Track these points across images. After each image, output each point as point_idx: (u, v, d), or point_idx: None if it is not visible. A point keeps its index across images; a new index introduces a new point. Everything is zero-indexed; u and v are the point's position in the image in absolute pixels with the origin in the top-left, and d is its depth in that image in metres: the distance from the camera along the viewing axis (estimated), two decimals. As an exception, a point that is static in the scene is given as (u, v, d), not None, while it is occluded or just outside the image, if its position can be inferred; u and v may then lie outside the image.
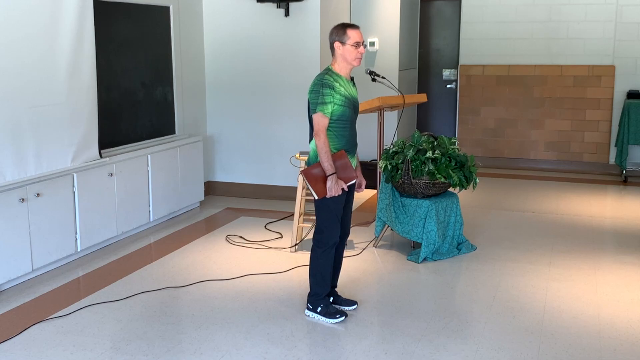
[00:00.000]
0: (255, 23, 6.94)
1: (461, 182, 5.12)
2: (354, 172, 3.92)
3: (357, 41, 3.87)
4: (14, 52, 4.49)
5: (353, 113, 3.98)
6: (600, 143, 8.69)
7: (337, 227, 4.00)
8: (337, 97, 3.84)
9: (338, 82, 3.86)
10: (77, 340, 3.80)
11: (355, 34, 3.88)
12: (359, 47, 3.89)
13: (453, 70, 9.33)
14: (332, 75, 3.89)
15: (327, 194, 3.83)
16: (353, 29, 3.90)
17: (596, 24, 8.49)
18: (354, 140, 4.04)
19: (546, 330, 3.92)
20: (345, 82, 3.92)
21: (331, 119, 3.86)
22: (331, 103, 3.83)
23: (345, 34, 3.86)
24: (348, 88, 3.93)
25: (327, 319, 4.03)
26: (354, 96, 3.99)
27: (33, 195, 4.66)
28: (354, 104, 3.98)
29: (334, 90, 3.83)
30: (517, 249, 5.42)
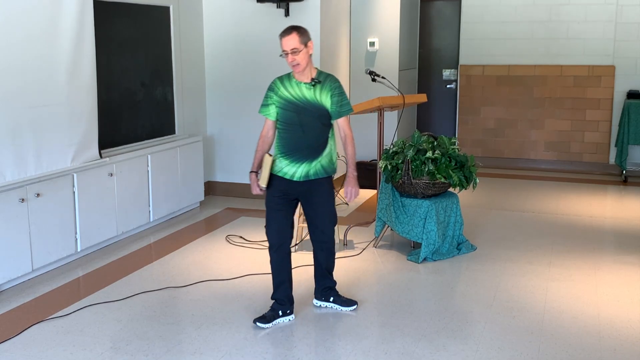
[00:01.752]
0: (255, 23, 6.93)
1: (461, 182, 5.12)
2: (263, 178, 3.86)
3: (283, 49, 3.78)
4: (14, 52, 4.49)
5: (302, 117, 3.83)
6: (600, 143, 8.68)
7: (271, 229, 3.93)
8: (275, 99, 3.84)
9: (284, 85, 3.84)
10: (77, 340, 3.80)
11: (283, 42, 3.77)
12: (287, 57, 3.77)
13: (453, 70, 9.33)
14: (284, 77, 3.88)
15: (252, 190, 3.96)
16: (282, 35, 3.79)
17: (596, 24, 8.49)
18: (303, 146, 3.86)
19: (546, 330, 3.92)
20: (296, 85, 3.84)
21: (277, 120, 3.90)
22: (270, 105, 3.88)
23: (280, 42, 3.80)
24: (297, 91, 3.83)
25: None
26: (307, 99, 3.83)
27: (33, 195, 4.66)
28: (303, 108, 3.83)
29: (273, 92, 3.85)
30: (517, 249, 5.42)
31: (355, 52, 7.94)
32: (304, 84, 3.83)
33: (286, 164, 3.86)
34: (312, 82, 3.83)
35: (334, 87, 3.87)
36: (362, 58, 7.93)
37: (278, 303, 4.00)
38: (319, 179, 3.90)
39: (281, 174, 3.88)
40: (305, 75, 3.83)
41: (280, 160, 3.88)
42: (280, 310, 3.99)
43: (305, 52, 3.78)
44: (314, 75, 3.87)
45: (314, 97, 3.83)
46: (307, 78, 3.84)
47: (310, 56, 3.84)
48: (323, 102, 3.85)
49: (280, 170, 3.88)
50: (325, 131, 3.91)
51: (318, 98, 3.83)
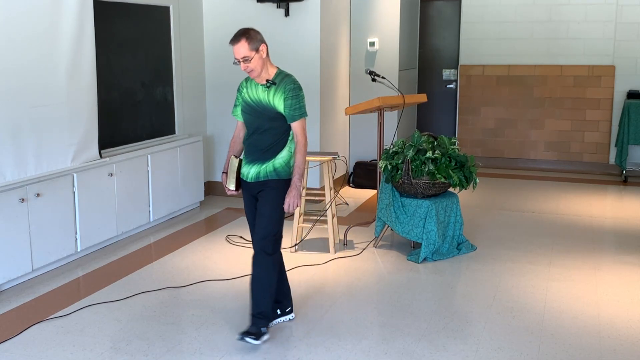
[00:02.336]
0: (255, 23, 6.89)
1: (461, 182, 5.12)
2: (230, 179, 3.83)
3: (235, 57, 3.67)
4: (14, 52, 4.49)
5: (254, 119, 3.75)
6: (600, 143, 8.68)
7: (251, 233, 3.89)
8: (240, 100, 3.83)
9: (247, 87, 3.79)
10: (77, 340, 3.80)
11: (234, 51, 3.67)
12: (240, 65, 3.66)
13: (453, 70, 9.33)
14: (246, 79, 3.83)
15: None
16: (232, 43, 3.68)
17: (596, 24, 8.49)
18: (256, 148, 3.76)
19: (546, 330, 3.92)
20: (254, 86, 3.76)
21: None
22: (238, 106, 3.86)
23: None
24: (255, 92, 3.75)
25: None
26: (260, 101, 3.73)
27: (33, 195, 4.66)
28: (257, 110, 3.74)
29: (239, 93, 3.83)
30: (517, 249, 5.42)
31: (355, 52, 7.94)
32: (260, 85, 3.73)
33: (244, 165, 3.83)
34: (267, 83, 3.71)
35: (288, 90, 3.69)
36: (362, 58, 7.93)
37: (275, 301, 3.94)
38: (268, 181, 3.73)
39: (241, 175, 3.86)
40: (262, 77, 3.72)
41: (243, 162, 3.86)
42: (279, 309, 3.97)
43: (257, 57, 3.64)
44: (272, 76, 3.73)
45: (267, 99, 3.70)
46: (263, 79, 3.73)
47: (265, 58, 3.70)
48: (276, 104, 3.70)
49: (242, 171, 3.85)
50: (280, 134, 3.74)
51: (271, 100, 3.70)
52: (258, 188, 3.78)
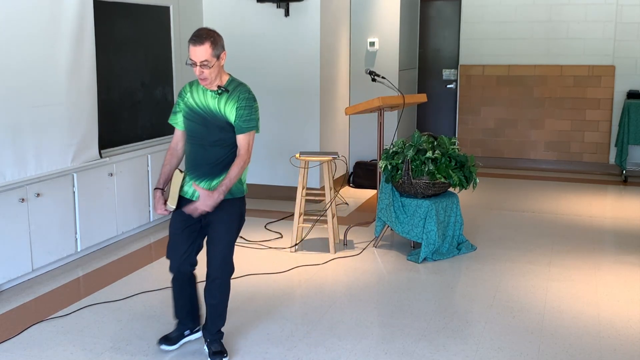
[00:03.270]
0: (255, 23, 6.93)
1: (461, 182, 5.12)
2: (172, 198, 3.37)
3: (191, 59, 3.26)
4: (14, 52, 4.49)
5: (201, 128, 3.36)
6: (600, 143, 8.68)
7: (170, 253, 3.54)
8: (182, 107, 3.41)
9: (192, 91, 3.39)
10: (77, 340, 3.80)
11: (193, 51, 3.24)
12: (195, 68, 3.25)
13: (453, 70, 9.32)
14: (195, 82, 3.42)
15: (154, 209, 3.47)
16: (193, 43, 3.25)
17: (596, 24, 8.49)
18: (203, 162, 3.37)
19: (546, 330, 3.92)
20: (202, 92, 3.37)
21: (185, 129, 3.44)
22: (179, 113, 3.44)
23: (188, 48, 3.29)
24: (203, 99, 3.36)
25: None
26: (210, 108, 3.35)
27: (33, 195, 4.66)
28: (206, 118, 3.35)
29: (181, 99, 3.42)
30: (517, 249, 5.42)
31: (355, 52, 7.94)
32: (210, 91, 3.35)
33: (187, 182, 3.41)
34: (218, 90, 3.34)
35: (242, 99, 3.37)
36: (362, 58, 7.93)
37: (181, 323, 3.70)
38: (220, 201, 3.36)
39: (182, 193, 3.43)
40: (214, 83, 3.37)
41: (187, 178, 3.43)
42: (187, 330, 3.73)
43: (216, 65, 3.29)
44: (224, 83, 3.39)
45: (217, 107, 3.34)
46: (214, 85, 3.37)
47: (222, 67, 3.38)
48: (227, 114, 3.34)
49: (183, 189, 3.43)
50: (231, 146, 3.39)
51: (222, 109, 3.34)
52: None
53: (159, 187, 3.43)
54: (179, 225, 3.47)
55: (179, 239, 3.49)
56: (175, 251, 3.52)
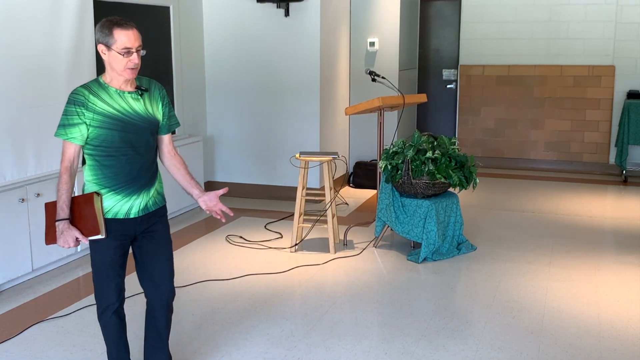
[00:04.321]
0: (255, 23, 6.93)
1: (461, 182, 5.12)
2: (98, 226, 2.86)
3: (126, 47, 2.84)
4: (15, 52, 4.49)
5: (133, 136, 2.90)
6: (600, 143, 8.68)
7: (108, 288, 3.03)
8: (88, 117, 2.81)
9: (99, 96, 2.84)
10: (77, 340, 3.80)
11: (127, 36, 2.84)
12: (131, 56, 2.84)
13: (453, 70, 9.32)
14: (92, 86, 2.87)
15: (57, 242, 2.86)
16: (123, 28, 2.87)
17: (596, 24, 8.49)
18: (139, 173, 2.96)
19: (546, 330, 3.92)
20: (118, 95, 2.89)
21: (89, 144, 2.87)
22: (79, 125, 2.82)
23: (110, 35, 2.85)
24: (122, 103, 2.89)
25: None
26: (138, 113, 2.92)
27: (33, 195, 4.66)
28: (136, 124, 2.90)
29: (84, 107, 2.81)
30: (517, 249, 5.42)
31: (355, 52, 7.94)
32: (128, 93, 2.92)
33: (117, 201, 2.93)
34: (137, 90, 2.96)
35: (163, 96, 3.07)
36: (362, 58, 7.93)
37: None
38: (158, 210, 3.10)
39: (111, 215, 2.93)
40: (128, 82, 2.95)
41: (107, 197, 2.93)
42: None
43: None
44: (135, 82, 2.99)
45: (144, 109, 2.95)
46: (130, 85, 2.95)
47: None
48: (155, 114, 3.00)
49: (110, 210, 2.93)
50: (155, 150, 3.08)
51: (150, 110, 2.97)
52: (144, 224, 3.03)
53: (67, 218, 2.84)
54: (115, 251, 2.98)
55: (116, 268, 3.01)
56: (116, 285, 3.04)
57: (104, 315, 3.08)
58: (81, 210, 2.88)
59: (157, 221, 3.10)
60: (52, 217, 2.89)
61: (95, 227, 2.86)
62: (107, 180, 2.92)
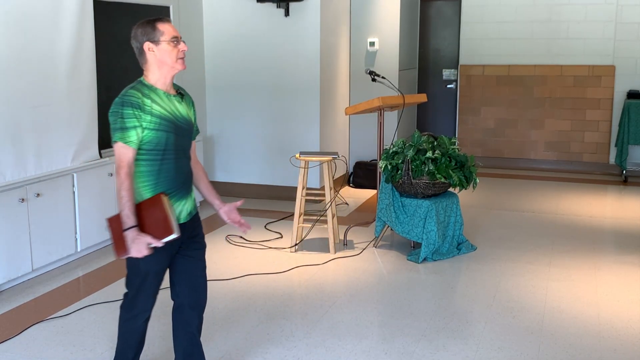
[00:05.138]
0: (255, 23, 6.93)
1: (461, 182, 5.12)
2: (171, 225, 2.76)
3: (174, 35, 2.83)
4: (15, 52, 4.49)
5: (181, 140, 2.89)
6: (600, 143, 8.68)
7: (147, 297, 2.99)
8: (146, 119, 2.77)
9: (151, 98, 2.81)
10: (77, 340, 3.80)
11: (169, 27, 2.84)
12: (179, 44, 2.85)
13: (453, 70, 9.33)
14: (141, 88, 2.84)
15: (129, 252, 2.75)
16: (163, 21, 2.85)
17: (596, 24, 8.49)
18: (186, 178, 2.95)
19: (546, 330, 3.92)
20: (166, 97, 2.86)
21: (142, 149, 2.80)
22: (137, 128, 2.76)
23: (155, 30, 2.82)
24: (171, 105, 2.87)
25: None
26: (183, 116, 2.91)
27: (33, 195, 4.66)
28: (183, 128, 2.90)
29: (141, 110, 2.77)
30: (517, 249, 5.42)
31: (355, 52, 7.94)
32: (173, 96, 2.90)
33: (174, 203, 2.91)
34: (178, 93, 2.96)
35: (193, 102, 3.09)
36: (362, 58, 7.93)
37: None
38: (197, 213, 3.09)
39: None
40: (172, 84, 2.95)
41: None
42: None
43: None
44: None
45: (186, 112, 2.94)
46: (172, 89, 2.95)
47: None
48: (192, 118, 3.01)
49: None
50: None
51: (189, 114, 2.98)
52: (191, 229, 3.01)
53: (135, 225, 2.73)
54: (166, 259, 2.93)
55: (161, 277, 2.98)
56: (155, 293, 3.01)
57: (134, 321, 3.03)
58: (149, 214, 2.78)
59: (198, 225, 3.09)
60: (117, 230, 2.79)
61: (168, 228, 2.77)
62: (161, 186, 2.84)
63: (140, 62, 2.90)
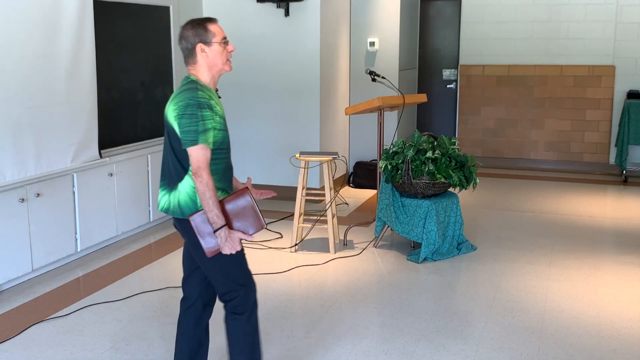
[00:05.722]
0: (255, 23, 6.93)
1: (461, 182, 5.12)
2: (261, 218, 2.85)
3: (224, 36, 2.88)
4: (14, 52, 4.49)
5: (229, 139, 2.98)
6: (600, 143, 8.68)
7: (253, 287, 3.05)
8: (216, 120, 2.81)
9: (213, 98, 2.85)
10: (77, 340, 3.80)
11: (218, 28, 2.89)
12: (228, 45, 2.90)
13: (453, 70, 9.33)
14: (204, 89, 2.84)
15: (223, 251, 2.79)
16: (212, 22, 2.89)
17: (596, 24, 8.49)
18: (232, 173, 3.01)
19: (546, 330, 3.92)
20: (216, 96, 2.92)
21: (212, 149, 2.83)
22: (213, 129, 2.80)
23: (207, 31, 2.85)
24: (221, 105, 2.93)
25: None
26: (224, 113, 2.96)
27: (33, 195, 4.66)
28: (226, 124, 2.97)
29: (212, 112, 2.79)
30: (517, 249, 5.42)
31: (355, 52, 7.94)
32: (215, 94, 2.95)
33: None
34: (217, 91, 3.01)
35: None
36: (362, 58, 7.93)
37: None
38: None
39: None
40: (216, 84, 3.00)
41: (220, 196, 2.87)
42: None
43: None
44: None
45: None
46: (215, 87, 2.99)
47: None
48: None
49: None
50: None
51: None
52: None
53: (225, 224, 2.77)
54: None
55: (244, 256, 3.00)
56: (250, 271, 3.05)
57: (253, 316, 3.03)
58: (236, 209, 2.82)
59: None
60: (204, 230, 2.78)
61: (258, 220, 2.85)
62: (222, 183, 2.89)
63: (187, 62, 2.90)
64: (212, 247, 2.79)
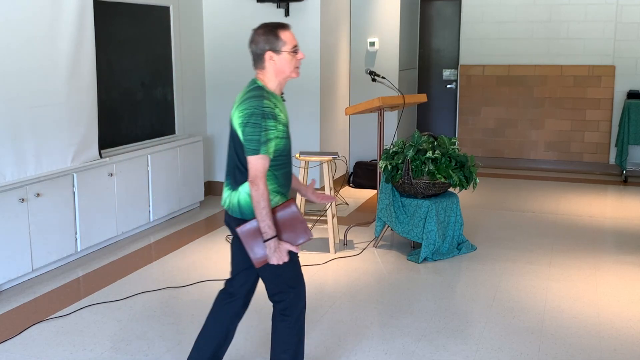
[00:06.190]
0: (255, 23, 6.84)
1: (461, 182, 5.12)
2: (307, 229, 2.88)
3: (294, 45, 2.88)
4: (15, 52, 4.49)
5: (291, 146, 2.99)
6: (600, 143, 8.68)
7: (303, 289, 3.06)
8: (279, 129, 2.82)
9: (277, 106, 2.86)
10: (77, 340, 3.80)
11: (290, 35, 2.88)
12: (298, 53, 2.89)
13: (453, 70, 9.33)
14: (269, 96, 2.84)
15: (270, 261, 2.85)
16: (284, 29, 2.88)
17: (596, 24, 8.49)
18: (291, 179, 3.01)
19: (546, 330, 3.92)
20: (281, 102, 2.93)
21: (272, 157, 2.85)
22: (275, 139, 2.81)
23: (278, 39, 2.85)
24: (286, 111, 2.93)
25: None
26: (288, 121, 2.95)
27: (33, 195, 4.66)
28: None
29: (276, 121, 2.80)
30: (517, 249, 5.42)
31: (355, 52, 7.94)
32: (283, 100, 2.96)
33: None
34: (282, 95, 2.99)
35: None
36: (362, 58, 7.93)
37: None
38: None
39: None
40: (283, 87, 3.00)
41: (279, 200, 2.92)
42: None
43: None
44: None
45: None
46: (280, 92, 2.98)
47: None
48: None
49: None
50: None
51: None
52: None
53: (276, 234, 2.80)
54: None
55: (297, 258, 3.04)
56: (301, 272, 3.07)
57: (301, 318, 3.05)
58: (283, 220, 2.85)
59: None
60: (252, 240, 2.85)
61: (306, 231, 2.87)
62: (282, 188, 2.92)
63: (255, 66, 2.91)
64: (261, 257, 2.85)
